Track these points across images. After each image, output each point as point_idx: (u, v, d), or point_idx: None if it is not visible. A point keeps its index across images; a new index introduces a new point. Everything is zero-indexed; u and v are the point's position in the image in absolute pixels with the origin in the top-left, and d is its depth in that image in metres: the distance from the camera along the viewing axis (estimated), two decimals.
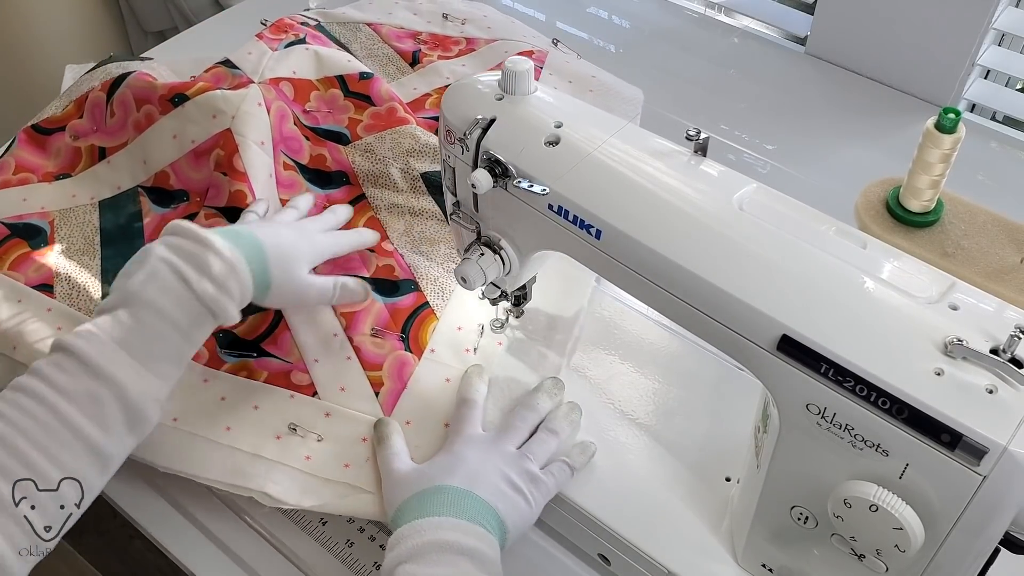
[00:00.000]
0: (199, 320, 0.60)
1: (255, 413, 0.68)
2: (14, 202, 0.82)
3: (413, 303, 0.75)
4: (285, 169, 0.82)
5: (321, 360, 0.71)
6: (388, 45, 1.00)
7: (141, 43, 1.54)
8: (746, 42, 1.13)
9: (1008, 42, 0.98)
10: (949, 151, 0.70)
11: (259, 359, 0.71)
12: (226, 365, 0.71)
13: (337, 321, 0.73)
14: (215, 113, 0.81)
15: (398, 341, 0.73)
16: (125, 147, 0.84)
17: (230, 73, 0.87)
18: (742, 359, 0.52)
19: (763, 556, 0.60)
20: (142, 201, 0.82)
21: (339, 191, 0.83)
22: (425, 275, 0.77)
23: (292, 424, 0.67)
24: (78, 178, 0.85)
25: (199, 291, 0.59)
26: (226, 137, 0.79)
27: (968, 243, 0.73)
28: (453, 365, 0.72)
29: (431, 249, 0.80)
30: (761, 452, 0.56)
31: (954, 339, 0.45)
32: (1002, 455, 0.43)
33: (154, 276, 0.59)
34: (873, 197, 0.77)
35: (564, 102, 0.62)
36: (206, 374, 0.70)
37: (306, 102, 0.88)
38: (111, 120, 0.85)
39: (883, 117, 1.00)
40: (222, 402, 0.69)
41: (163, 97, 0.83)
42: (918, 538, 0.47)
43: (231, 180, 0.78)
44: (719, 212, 0.53)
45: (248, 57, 0.89)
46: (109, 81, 0.86)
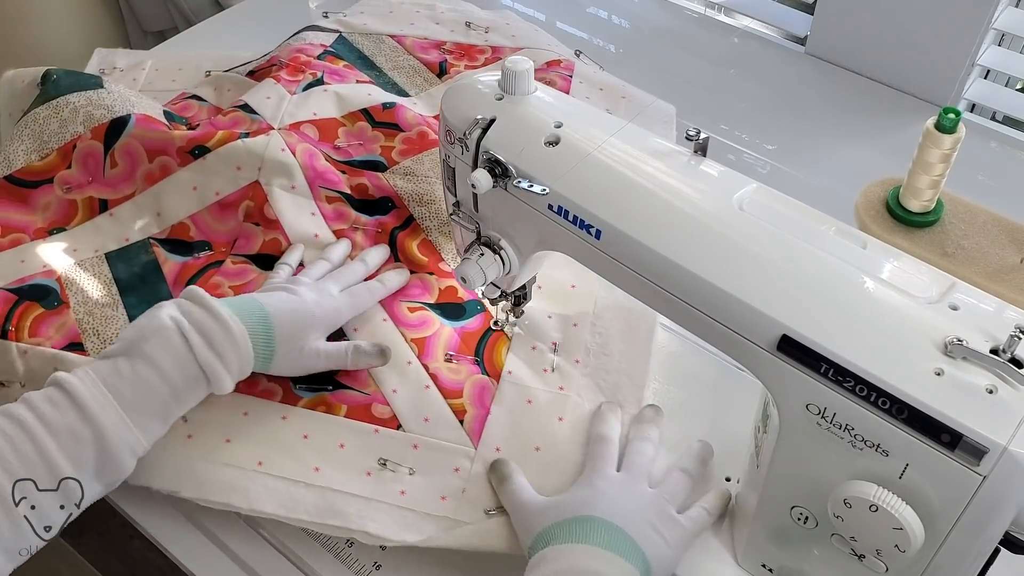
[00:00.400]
0: (194, 384, 0.62)
1: (342, 452, 0.67)
2: (12, 265, 0.77)
3: (482, 325, 0.75)
4: (330, 202, 0.81)
5: (400, 390, 0.70)
6: (413, 56, 0.99)
7: (141, 43, 1.54)
8: (746, 42, 1.13)
9: (1008, 42, 0.98)
10: (949, 151, 0.70)
11: (335, 392, 0.70)
12: (303, 400, 0.69)
13: (409, 348, 0.72)
14: (239, 165, 0.81)
15: (473, 365, 0.72)
16: (131, 199, 0.81)
17: (249, 118, 0.85)
18: (742, 359, 0.52)
19: (763, 556, 0.60)
20: (156, 251, 0.79)
21: (388, 216, 0.81)
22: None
23: (382, 459, 0.66)
24: (75, 231, 0.80)
25: (200, 356, 0.62)
26: (255, 188, 0.80)
27: (968, 243, 0.73)
28: (533, 386, 0.71)
29: None
30: (761, 452, 0.56)
31: (954, 339, 0.45)
32: (1002, 455, 0.43)
33: (159, 333, 0.61)
34: (873, 197, 0.77)
35: (564, 102, 0.62)
36: (283, 411, 0.69)
37: (335, 139, 0.86)
38: (112, 171, 0.82)
39: (883, 117, 1.00)
40: (305, 441, 0.67)
41: (182, 149, 0.81)
42: (918, 538, 0.47)
43: (264, 230, 0.78)
44: (719, 212, 0.53)
45: (267, 102, 0.87)
46: (102, 127, 0.82)
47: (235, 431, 0.67)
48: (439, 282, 0.77)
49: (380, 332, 0.73)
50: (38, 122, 0.83)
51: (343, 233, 0.80)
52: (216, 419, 0.67)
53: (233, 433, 0.67)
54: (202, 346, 0.62)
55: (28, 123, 0.84)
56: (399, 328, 0.73)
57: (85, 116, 0.83)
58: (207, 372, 0.62)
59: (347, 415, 0.68)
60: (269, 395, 0.69)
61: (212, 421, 0.67)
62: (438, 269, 0.78)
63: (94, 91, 0.85)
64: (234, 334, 0.63)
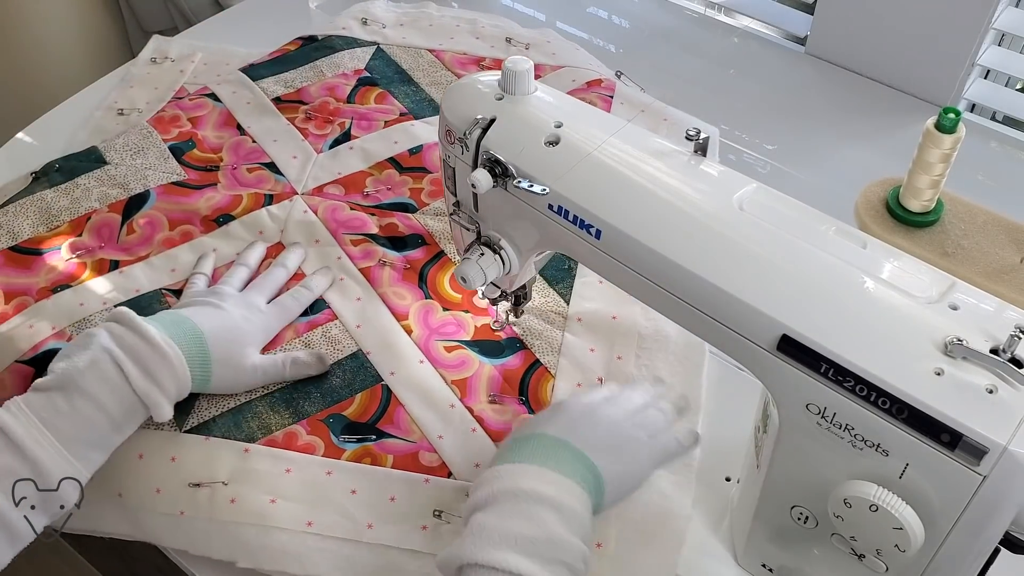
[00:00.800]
0: (132, 413, 0.62)
1: (394, 506, 0.64)
2: (21, 334, 0.73)
3: (523, 362, 0.73)
4: (356, 244, 0.81)
5: (446, 436, 0.68)
6: (451, 72, 0.99)
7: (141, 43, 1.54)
8: (746, 42, 1.13)
9: (1008, 42, 0.98)
10: (949, 151, 0.70)
11: (379, 441, 0.68)
12: (346, 453, 0.67)
13: (450, 391, 0.71)
14: (261, 229, 0.82)
15: (519, 404, 0.70)
16: (145, 259, 0.80)
17: (273, 178, 0.86)
18: (742, 359, 0.52)
19: (763, 556, 0.60)
20: (169, 301, 0.76)
21: (417, 251, 0.80)
22: (527, 330, 0.75)
23: (436, 510, 0.64)
24: (82, 287, 0.77)
25: (137, 386, 0.61)
26: (277, 248, 0.81)
27: (968, 243, 0.73)
28: None
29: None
30: (761, 452, 0.56)
31: (954, 339, 0.45)
32: (1002, 455, 0.43)
33: (95, 365, 0.61)
34: (873, 197, 0.77)
35: (564, 102, 0.62)
36: (327, 465, 0.66)
37: (363, 188, 0.86)
38: (128, 237, 0.81)
39: (883, 117, 1.00)
40: (354, 496, 0.65)
41: (207, 218, 0.82)
42: (918, 538, 0.47)
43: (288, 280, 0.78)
44: (719, 212, 0.53)
45: (293, 162, 0.88)
46: (121, 203, 0.82)
47: (279, 490, 0.65)
48: (474, 319, 0.76)
49: (418, 375, 0.71)
50: (45, 201, 0.83)
51: (370, 271, 0.78)
52: (258, 479, 0.65)
53: (278, 493, 0.64)
54: (138, 376, 0.61)
55: (33, 203, 0.83)
56: (438, 370, 0.72)
57: (100, 195, 0.83)
58: (145, 401, 0.62)
59: (394, 465, 0.66)
60: (311, 449, 0.67)
61: (254, 481, 0.65)
62: (472, 305, 0.77)
63: (101, 169, 0.86)
64: (170, 359, 0.62)
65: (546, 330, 0.75)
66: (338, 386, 0.71)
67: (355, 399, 0.70)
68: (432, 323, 0.75)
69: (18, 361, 0.72)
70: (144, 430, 0.67)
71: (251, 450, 0.67)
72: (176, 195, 0.84)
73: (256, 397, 0.69)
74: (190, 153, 0.89)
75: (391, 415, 0.69)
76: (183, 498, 0.65)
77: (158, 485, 0.65)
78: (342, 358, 0.72)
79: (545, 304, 0.77)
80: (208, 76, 1.00)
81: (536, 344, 0.74)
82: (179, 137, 0.90)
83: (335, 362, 0.72)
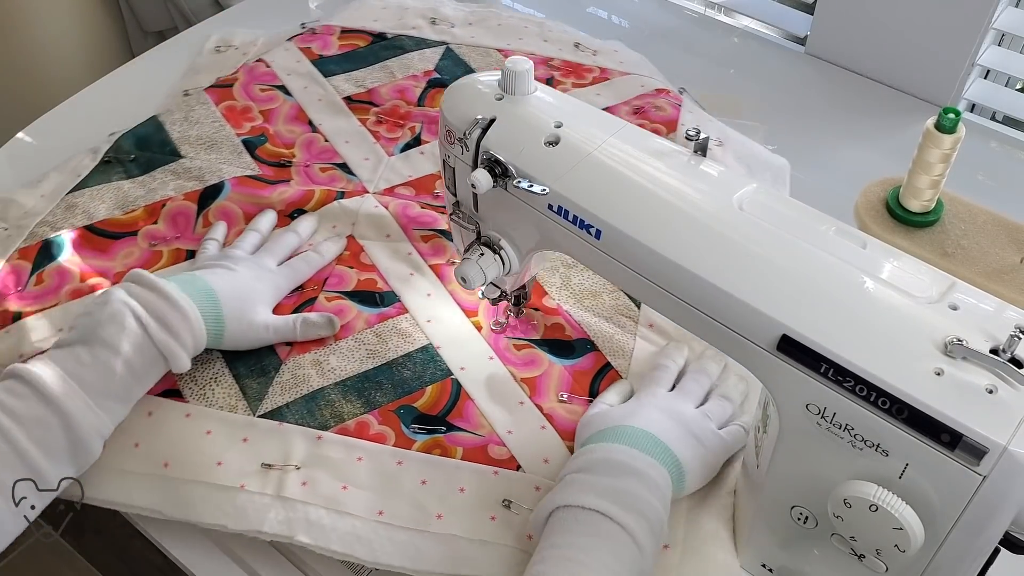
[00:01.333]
0: (153, 365, 0.64)
1: (463, 496, 0.64)
2: None
3: (593, 364, 0.72)
4: (426, 240, 0.81)
5: (515, 431, 0.68)
6: None
7: (141, 43, 1.54)
8: (746, 42, 1.13)
9: (1008, 42, 0.98)
10: (949, 151, 0.70)
11: (449, 434, 0.68)
12: (416, 444, 0.67)
13: (519, 388, 0.71)
14: (334, 223, 0.82)
15: (589, 406, 0.69)
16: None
17: (345, 177, 0.87)
18: (742, 359, 0.52)
19: (763, 556, 0.60)
20: None
21: None
22: (599, 333, 0.74)
23: (506, 500, 0.64)
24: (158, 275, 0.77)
25: (156, 338, 0.63)
26: (349, 241, 0.81)
27: (968, 243, 0.73)
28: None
29: (594, 302, 0.76)
30: (761, 452, 0.56)
31: (954, 339, 0.45)
32: (1002, 455, 0.43)
33: (114, 318, 0.63)
34: (873, 197, 0.77)
35: (564, 102, 0.62)
36: (398, 455, 0.66)
37: (432, 190, 0.86)
38: (203, 229, 0.82)
39: (883, 117, 1.00)
40: (424, 487, 0.65)
41: (280, 212, 0.83)
42: (918, 538, 0.47)
43: (359, 271, 0.79)
44: (719, 212, 0.53)
45: (364, 163, 0.88)
46: (196, 192, 0.84)
47: (351, 478, 0.65)
48: (544, 319, 0.75)
49: (488, 371, 0.72)
50: (122, 191, 0.85)
51: (440, 268, 0.79)
52: (331, 465, 0.66)
53: (349, 480, 0.65)
54: (157, 328, 0.63)
55: (110, 190, 0.85)
56: (507, 367, 0.72)
57: (176, 187, 0.85)
58: (164, 353, 0.64)
59: (464, 458, 0.66)
60: (382, 439, 0.67)
61: (326, 467, 0.65)
62: (543, 305, 0.76)
63: (177, 162, 0.87)
64: (187, 313, 0.65)
65: (617, 334, 0.74)
66: (409, 378, 0.71)
67: (425, 391, 0.70)
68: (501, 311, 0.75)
69: None
70: (218, 411, 0.68)
71: (324, 437, 0.67)
72: (250, 187, 0.85)
73: (329, 385, 0.70)
74: (263, 148, 0.90)
75: (460, 409, 0.69)
76: (249, 474, 0.65)
77: (220, 459, 0.66)
78: (412, 350, 0.73)
79: (616, 307, 0.76)
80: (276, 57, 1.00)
81: (607, 347, 0.73)
82: (252, 132, 0.91)
83: (405, 354, 0.72)
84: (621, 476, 0.58)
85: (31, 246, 0.79)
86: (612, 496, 0.56)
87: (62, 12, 1.42)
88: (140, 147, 0.89)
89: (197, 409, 0.69)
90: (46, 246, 0.79)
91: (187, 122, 0.92)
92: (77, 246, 0.80)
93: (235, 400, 0.69)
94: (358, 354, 0.72)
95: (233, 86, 0.96)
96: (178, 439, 0.67)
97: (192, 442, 0.67)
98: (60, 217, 0.82)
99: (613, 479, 0.57)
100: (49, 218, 0.82)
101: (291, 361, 0.72)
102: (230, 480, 0.65)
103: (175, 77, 1.02)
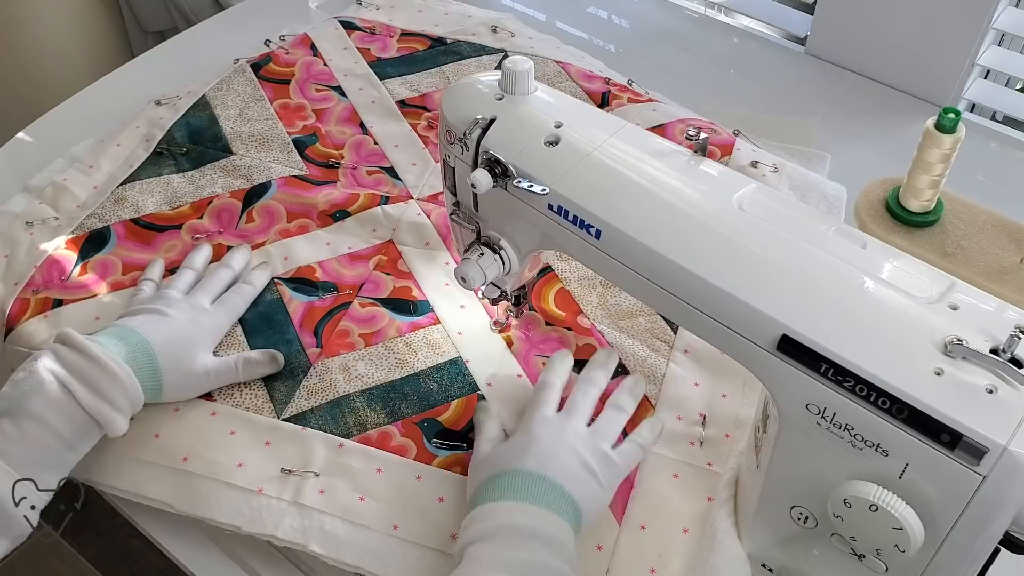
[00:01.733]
0: (85, 431, 0.62)
1: None
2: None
3: None
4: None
5: None
6: (576, 83, 0.96)
7: (141, 43, 1.54)
8: (746, 42, 1.13)
9: (1008, 42, 0.98)
10: (949, 151, 0.70)
11: (471, 452, 0.66)
12: (437, 460, 0.66)
13: None
14: (375, 227, 0.82)
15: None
16: (261, 247, 0.81)
17: (391, 181, 0.87)
18: (742, 359, 0.52)
19: (763, 556, 0.60)
20: (280, 290, 0.77)
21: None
22: (631, 356, 0.72)
23: None
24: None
25: (85, 404, 0.61)
26: (388, 246, 0.81)
27: (968, 243, 0.73)
28: (681, 460, 0.67)
29: (630, 323, 0.74)
30: (761, 452, 0.56)
31: (954, 339, 0.45)
32: (1002, 455, 0.43)
33: (40, 387, 0.60)
34: (873, 197, 0.77)
35: (564, 102, 0.62)
36: (417, 470, 0.66)
37: None
38: (246, 225, 0.83)
39: (883, 117, 1.00)
40: (440, 504, 0.64)
41: (323, 212, 0.83)
42: (918, 538, 0.47)
43: (395, 278, 0.78)
44: (719, 212, 0.53)
45: (412, 168, 0.88)
46: (242, 191, 0.85)
47: (369, 489, 0.65)
48: (576, 338, 0.74)
49: (513, 388, 0.70)
50: (171, 185, 0.86)
51: None
52: (350, 474, 0.65)
53: (367, 491, 0.64)
54: (85, 393, 0.61)
55: (160, 184, 0.86)
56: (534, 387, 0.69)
57: (224, 184, 0.86)
58: (96, 418, 0.62)
59: None
60: (403, 451, 0.67)
61: (345, 476, 0.65)
62: (576, 324, 0.75)
63: (227, 159, 0.89)
64: (116, 375, 0.62)
65: (650, 357, 0.72)
66: (435, 391, 0.70)
67: (451, 405, 0.70)
68: (534, 338, 0.74)
69: None
70: (244, 411, 0.68)
71: (345, 446, 0.67)
72: (296, 188, 0.86)
73: (355, 392, 0.70)
74: (312, 148, 0.90)
75: None
76: (269, 478, 0.65)
77: (241, 460, 0.66)
78: (441, 363, 0.72)
79: (652, 330, 0.74)
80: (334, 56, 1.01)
81: (638, 371, 0.72)
82: (303, 131, 0.92)
83: (433, 366, 0.72)
84: (527, 544, 0.55)
85: (78, 236, 0.81)
86: (521, 571, 0.54)
87: (62, 12, 1.42)
88: (193, 140, 0.90)
89: (224, 408, 0.69)
90: (92, 237, 0.81)
91: (241, 118, 0.93)
92: (122, 238, 0.82)
93: (261, 402, 0.69)
94: (387, 362, 0.72)
95: (290, 83, 0.97)
96: (201, 436, 0.67)
97: (215, 441, 0.67)
98: (109, 210, 0.84)
99: (518, 551, 0.55)
100: (99, 211, 0.83)
101: (319, 364, 0.72)
102: (249, 483, 0.65)
103: (176, 77, 1.02)
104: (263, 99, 0.95)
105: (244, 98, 0.95)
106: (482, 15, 1.07)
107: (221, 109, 0.94)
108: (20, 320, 0.75)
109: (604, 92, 0.96)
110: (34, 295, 0.76)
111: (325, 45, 1.02)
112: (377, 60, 1.00)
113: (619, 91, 0.96)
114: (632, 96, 0.95)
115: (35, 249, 0.80)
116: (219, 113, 0.93)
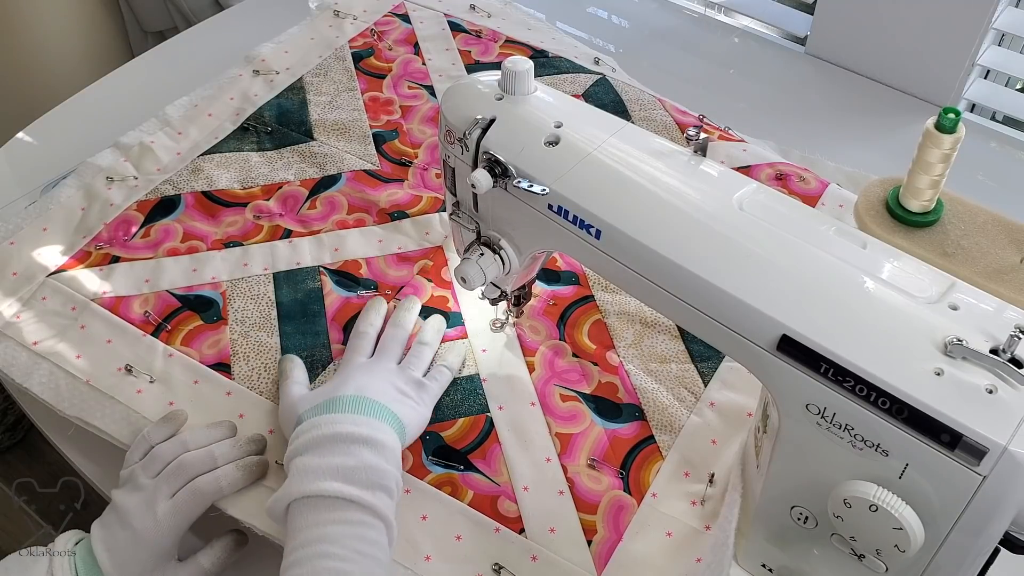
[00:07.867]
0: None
1: (458, 545, 0.63)
2: (184, 272, 0.79)
3: (636, 434, 0.69)
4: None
5: (532, 489, 0.65)
6: (669, 115, 0.94)
7: (141, 43, 1.54)
8: (746, 42, 1.13)
9: (1008, 42, 0.98)
10: (949, 151, 0.70)
11: (465, 474, 0.66)
12: (430, 476, 0.66)
13: (551, 443, 0.68)
14: (429, 231, 0.83)
15: (616, 478, 0.66)
16: (316, 235, 0.82)
17: None
18: (742, 359, 0.52)
19: (763, 556, 0.60)
20: (323, 279, 0.79)
21: (567, 288, 0.78)
22: (652, 402, 0.70)
23: (497, 564, 0.62)
24: (251, 247, 0.81)
25: None
26: (437, 252, 0.82)
27: (968, 243, 0.73)
28: (678, 518, 0.64)
29: (660, 368, 0.73)
30: (761, 452, 0.56)
31: (954, 339, 0.45)
32: (1002, 455, 0.43)
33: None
34: (873, 197, 0.77)
35: (564, 102, 0.62)
36: (408, 483, 0.65)
37: None
38: (308, 210, 0.85)
39: (883, 117, 1.00)
40: (423, 523, 0.64)
41: (383, 211, 0.85)
42: (918, 538, 0.47)
43: (435, 287, 0.79)
44: (719, 212, 0.53)
45: None
46: (312, 180, 0.87)
47: None
48: (601, 375, 0.72)
49: (524, 415, 0.70)
50: (248, 164, 0.89)
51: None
52: None
53: None
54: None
55: (238, 160, 0.89)
56: (546, 417, 0.70)
57: (297, 171, 0.88)
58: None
59: (471, 503, 0.65)
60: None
61: None
62: (604, 359, 0.73)
63: (306, 144, 0.91)
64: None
65: (672, 406, 0.70)
66: (446, 404, 0.70)
67: (456, 423, 0.69)
68: (557, 366, 0.73)
69: (169, 292, 0.78)
70: (257, 396, 0.70)
71: None
72: (363, 183, 0.87)
73: None
74: (390, 144, 0.91)
75: (485, 450, 0.68)
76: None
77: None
78: (459, 377, 0.72)
79: (681, 379, 0.72)
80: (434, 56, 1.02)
81: (656, 419, 0.70)
82: (386, 126, 0.93)
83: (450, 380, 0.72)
84: (352, 450, 0.57)
85: (149, 200, 0.85)
86: (349, 477, 0.56)
87: (62, 12, 1.43)
88: (280, 121, 0.93)
89: (239, 389, 0.71)
90: (163, 202, 0.85)
91: (330, 106, 0.95)
92: (190, 207, 0.85)
93: (277, 389, 0.70)
94: None
95: (385, 78, 0.98)
96: (211, 412, 0.69)
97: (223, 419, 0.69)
98: (185, 178, 0.87)
99: (345, 456, 0.57)
100: (175, 178, 0.87)
101: (340, 361, 0.72)
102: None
103: (176, 77, 1.02)
104: (355, 90, 0.97)
105: (338, 87, 0.97)
106: (587, 49, 1.04)
107: (314, 95, 0.96)
108: (74, 267, 0.79)
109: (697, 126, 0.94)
110: (97, 250, 0.81)
111: (428, 45, 1.03)
112: (476, 63, 1.00)
113: (710, 128, 0.93)
114: (722, 135, 0.92)
115: (108, 206, 0.84)
116: (311, 99, 0.95)
